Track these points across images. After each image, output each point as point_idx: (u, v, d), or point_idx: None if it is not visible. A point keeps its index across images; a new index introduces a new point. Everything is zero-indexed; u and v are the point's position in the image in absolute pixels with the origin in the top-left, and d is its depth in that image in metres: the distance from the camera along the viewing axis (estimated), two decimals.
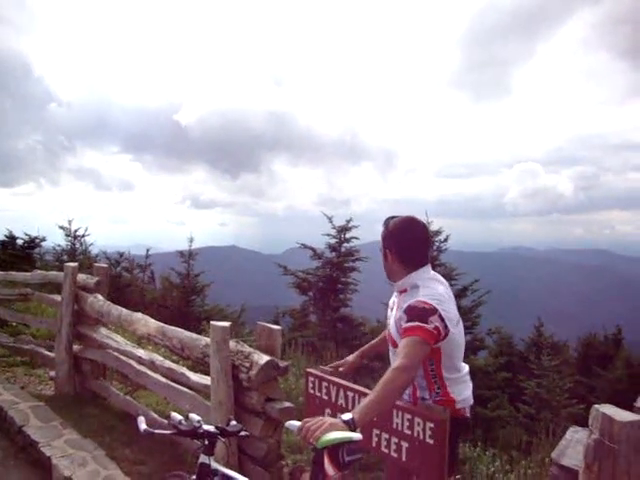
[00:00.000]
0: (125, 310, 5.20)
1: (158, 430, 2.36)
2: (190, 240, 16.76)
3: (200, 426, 2.30)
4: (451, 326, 2.49)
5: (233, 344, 3.86)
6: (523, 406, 11.50)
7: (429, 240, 2.87)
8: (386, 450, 2.75)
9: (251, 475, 3.30)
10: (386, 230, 2.75)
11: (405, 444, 2.64)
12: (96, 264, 6.76)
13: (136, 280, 17.72)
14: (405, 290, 2.69)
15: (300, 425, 2.01)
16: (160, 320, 4.80)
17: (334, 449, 1.86)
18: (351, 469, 2.09)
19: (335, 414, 2.90)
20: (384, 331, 3.05)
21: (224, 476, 2.35)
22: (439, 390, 2.66)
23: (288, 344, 9.82)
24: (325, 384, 3.14)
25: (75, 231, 18.11)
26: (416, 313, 2.44)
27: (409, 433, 2.61)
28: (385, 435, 2.75)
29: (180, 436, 2.34)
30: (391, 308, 2.84)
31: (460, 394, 2.69)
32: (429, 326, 2.39)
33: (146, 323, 4.77)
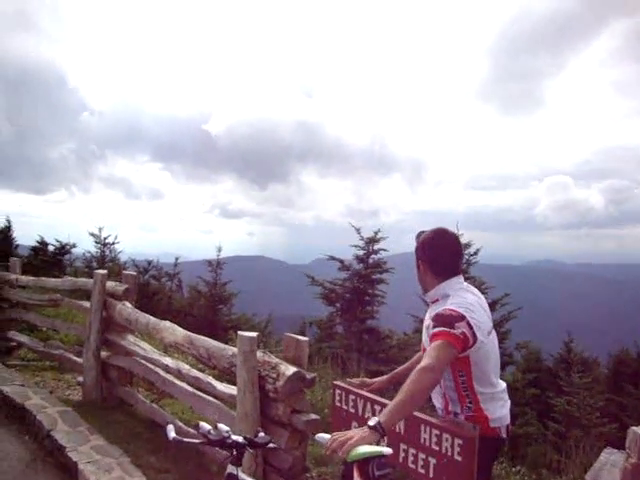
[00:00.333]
0: (153, 318, 5.24)
1: (187, 439, 2.36)
2: (218, 249, 16.93)
3: (229, 436, 2.28)
4: (481, 335, 2.44)
5: (260, 354, 3.85)
6: (552, 424, 11.21)
7: (461, 251, 2.85)
8: (413, 466, 2.69)
9: None
10: (418, 242, 2.78)
11: (433, 460, 2.59)
12: (125, 272, 6.85)
13: (164, 288, 17.93)
14: (437, 300, 2.68)
15: (330, 438, 1.99)
16: (187, 329, 4.81)
17: (364, 463, 1.84)
18: None
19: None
20: (418, 353, 3.00)
21: None
22: (471, 404, 2.59)
23: (316, 354, 9.76)
24: (352, 397, 3.12)
25: (105, 238, 18.50)
26: (443, 319, 2.42)
27: (437, 449, 2.56)
28: (412, 450, 2.70)
29: (209, 446, 2.34)
30: (426, 324, 2.78)
31: (495, 412, 2.59)
32: (456, 331, 2.36)
33: (173, 331, 4.79)
